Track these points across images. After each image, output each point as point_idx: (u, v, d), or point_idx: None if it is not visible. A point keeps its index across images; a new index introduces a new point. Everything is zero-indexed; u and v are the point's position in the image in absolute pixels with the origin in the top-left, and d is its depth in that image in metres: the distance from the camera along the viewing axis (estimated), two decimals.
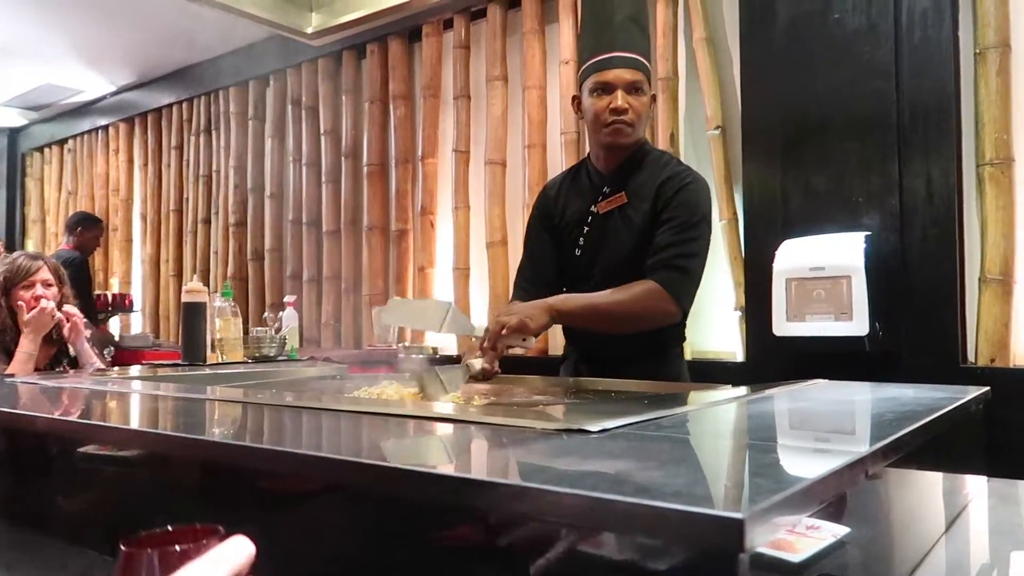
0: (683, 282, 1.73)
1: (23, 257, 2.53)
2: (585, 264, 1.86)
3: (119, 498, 1.11)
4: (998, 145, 2.32)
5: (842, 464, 0.67)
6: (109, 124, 5.81)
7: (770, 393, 1.25)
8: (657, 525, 0.53)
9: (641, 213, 1.79)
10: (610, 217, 1.83)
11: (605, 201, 1.84)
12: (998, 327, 2.29)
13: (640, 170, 1.84)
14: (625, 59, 1.76)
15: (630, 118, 1.77)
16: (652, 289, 1.70)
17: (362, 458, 0.72)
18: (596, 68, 1.78)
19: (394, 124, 4.06)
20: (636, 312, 1.71)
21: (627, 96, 1.76)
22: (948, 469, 1.22)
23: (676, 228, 1.74)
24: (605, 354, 1.90)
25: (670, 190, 1.78)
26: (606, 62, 1.77)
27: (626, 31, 1.78)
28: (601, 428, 0.86)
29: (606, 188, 1.86)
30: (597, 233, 1.85)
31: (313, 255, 4.42)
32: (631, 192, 1.82)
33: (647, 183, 1.81)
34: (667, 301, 1.70)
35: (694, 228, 1.75)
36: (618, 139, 1.80)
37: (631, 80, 1.76)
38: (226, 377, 1.97)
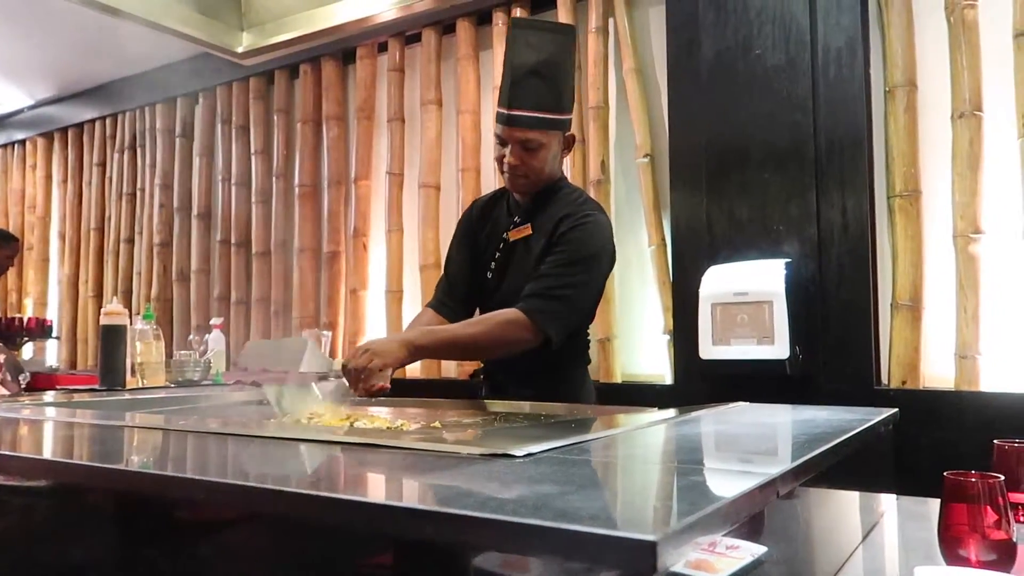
0: (547, 310, 1.75)
1: None
2: (494, 287, 1.93)
3: (33, 532, 1.06)
4: (907, 178, 2.45)
5: (754, 485, 0.69)
6: (26, 139, 5.58)
7: (692, 416, 1.28)
8: (575, 549, 0.54)
9: (540, 246, 1.85)
10: (516, 246, 1.91)
11: (515, 230, 1.92)
12: (909, 351, 2.40)
13: (550, 205, 1.90)
14: (520, 118, 1.79)
15: (521, 172, 1.83)
16: (511, 319, 1.73)
17: (282, 486, 0.71)
18: (499, 119, 1.84)
19: (327, 145, 4.03)
20: (493, 342, 1.74)
21: (521, 152, 1.80)
22: (861, 488, 1.27)
23: (557, 261, 1.79)
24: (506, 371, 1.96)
25: (565, 227, 1.83)
26: (503, 118, 1.82)
27: (526, 87, 1.77)
28: (526, 452, 0.87)
29: (517, 218, 1.94)
30: (505, 259, 1.93)
31: (242, 276, 4.33)
32: (537, 225, 1.89)
33: (551, 217, 1.87)
34: (525, 329, 1.73)
35: (577, 264, 1.79)
36: (513, 188, 1.89)
37: (522, 139, 1.80)
38: (144, 403, 1.91)
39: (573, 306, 1.80)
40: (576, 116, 3.14)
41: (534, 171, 1.84)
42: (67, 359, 5.15)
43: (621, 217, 3.08)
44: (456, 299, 1.99)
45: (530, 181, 1.86)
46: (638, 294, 3.04)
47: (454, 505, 0.61)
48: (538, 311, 1.73)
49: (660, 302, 2.89)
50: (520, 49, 1.77)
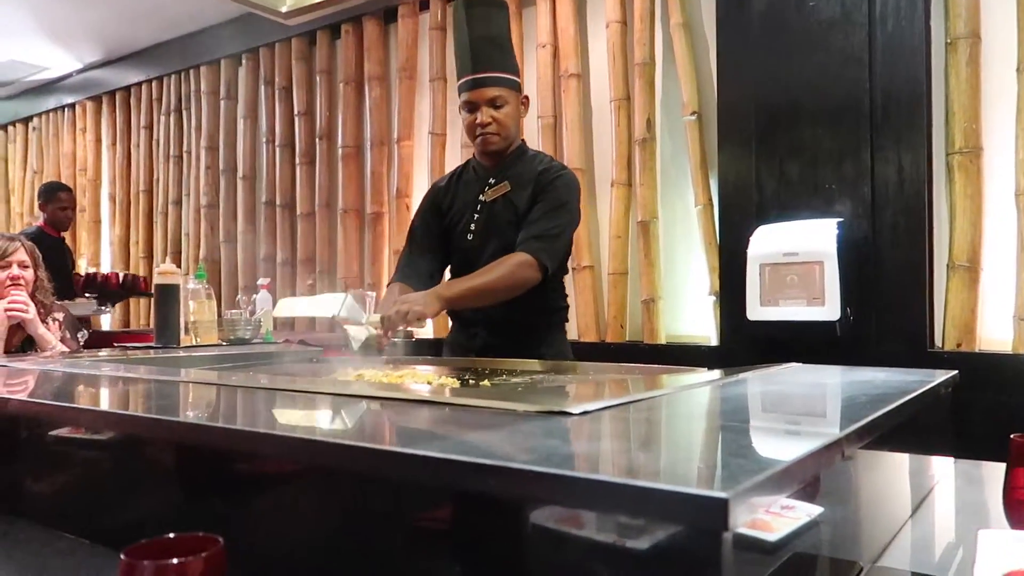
0: (549, 250, 1.95)
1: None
2: (477, 247, 2.06)
3: (94, 481, 1.10)
4: (967, 134, 2.36)
5: (819, 446, 0.69)
6: (75, 102, 5.68)
7: (744, 376, 1.27)
8: (643, 505, 0.54)
9: (523, 198, 2.02)
10: (496, 204, 2.06)
11: (491, 190, 2.07)
12: (965, 312, 2.34)
13: (520, 163, 2.08)
14: (484, 79, 1.99)
15: (493, 129, 2.01)
16: (521, 260, 1.92)
17: (348, 440, 0.72)
18: (465, 87, 2.02)
19: (369, 106, 4.02)
20: (508, 284, 1.92)
21: (490, 111, 2.00)
22: (917, 450, 1.25)
23: (545, 208, 1.99)
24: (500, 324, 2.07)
25: (546, 179, 2.02)
26: (469, 83, 2.00)
27: (483, 52, 1.99)
28: (583, 410, 0.87)
29: (491, 179, 2.08)
30: (487, 219, 2.06)
31: (287, 237, 4.38)
32: (513, 181, 2.05)
33: (526, 173, 2.05)
34: (532, 268, 1.92)
35: (560, 208, 1.99)
36: (487, 148, 2.04)
37: (490, 97, 1.99)
38: (201, 360, 1.95)
39: (562, 242, 2.01)
40: (621, 73, 3.09)
41: (503, 127, 2.01)
42: (120, 319, 5.30)
43: (667, 177, 3.03)
44: (420, 272, 2.14)
45: (501, 137, 2.02)
46: (683, 255, 3.00)
47: (517, 460, 0.62)
48: (541, 250, 1.93)
49: (706, 263, 2.86)
50: (475, 23, 2.00)
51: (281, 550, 0.84)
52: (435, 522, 0.74)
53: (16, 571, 0.92)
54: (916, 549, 0.98)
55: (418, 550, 0.73)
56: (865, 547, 0.93)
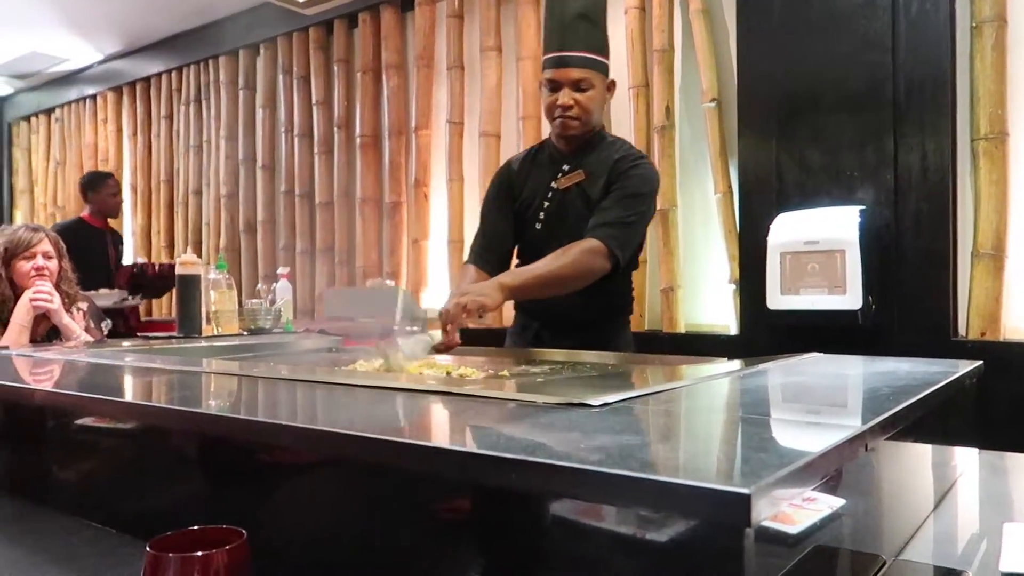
0: (621, 238, 1.84)
1: (23, 229, 2.55)
2: (545, 237, 1.95)
3: (120, 470, 1.12)
4: (992, 119, 2.32)
5: (843, 439, 0.68)
6: (97, 93, 5.73)
7: (766, 367, 1.26)
8: (665, 500, 0.54)
9: (598, 188, 1.92)
10: (569, 192, 1.95)
11: (565, 177, 1.96)
12: (989, 301, 2.31)
13: (597, 151, 1.96)
14: (571, 58, 1.87)
15: (575, 113, 1.89)
16: (590, 247, 1.81)
17: (367, 432, 0.73)
18: (549, 64, 1.90)
19: (387, 95, 4.02)
20: (578, 270, 1.81)
21: (573, 93, 1.88)
22: (941, 441, 1.24)
23: (619, 195, 1.88)
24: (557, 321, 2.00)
25: (624, 166, 1.91)
26: (555, 60, 1.89)
27: (575, 29, 1.87)
28: (603, 403, 0.87)
29: (566, 166, 1.97)
30: (558, 208, 1.96)
31: (306, 227, 4.40)
32: (589, 170, 1.94)
33: (604, 161, 1.93)
34: (602, 255, 1.81)
35: (636, 197, 1.89)
36: (564, 132, 1.93)
37: (577, 79, 1.87)
38: (222, 350, 1.97)
39: (636, 233, 1.91)
40: (639, 60, 3.07)
41: (586, 111, 1.90)
42: (144, 308, 5.35)
43: (686, 164, 3.01)
44: (494, 256, 2.04)
45: (582, 123, 1.91)
46: (702, 243, 2.98)
47: (538, 454, 0.62)
48: (612, 237, 1.82)
49: (726, 251, 2.84)
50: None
51: (304, 542, 0.85)
52: (455, 514, 0.74)
53: (45, 560, 0.94)
54: (939, 542, 0.97)
55: (438, 542, 0.73)
56: (887, 540, 0.92)
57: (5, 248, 2.48)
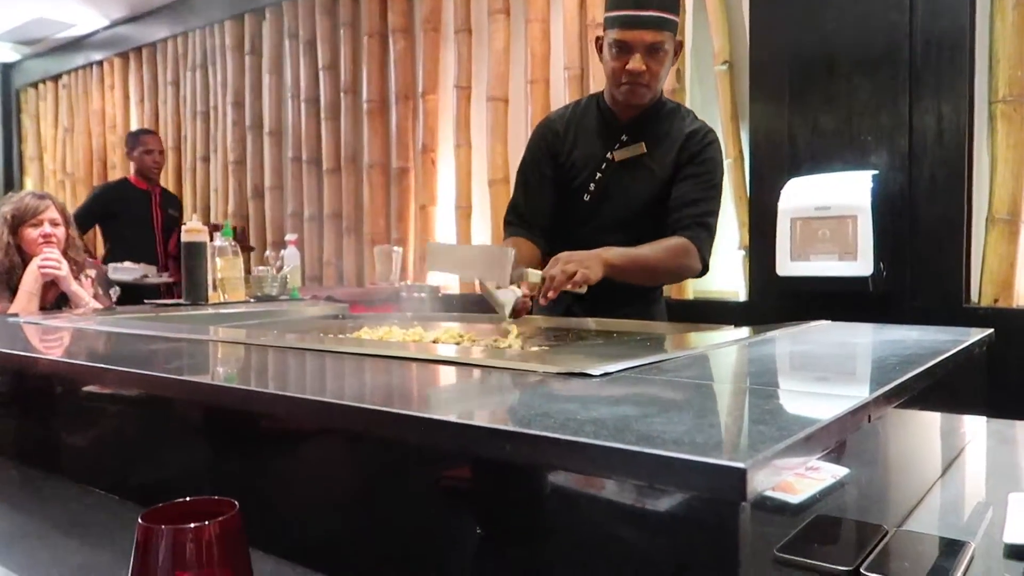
0: (709, 241, 1.78)
1: (30, 196, 2.55)
2: (594, 209, 1.82)
3: (124, 438, 1.12)
4: (1012, 82, 2.26)
5: (845, 411, 0.67)
6: (103, 59, 5.70)
7: (772, 335, 1.25)
8: (660, 474, 0.53)
9: (663, 165, 1.78)
10: (627, 166, 1.79)
11: (623, 149, 1.79)
12: (1003, 267, 2.28)
13: (659, 121, 1.80)
14: (649, 19, 1.65)
15: (646, 80, 1.71)
16: (686, 246, 1.74)
17: (361, 403, 0.72)
18: (619, 23, 1.68)
19: (394, 59, 3.97)
20: (672, 268, 1.77)
21: (646, 58, 1.68)
22: (948, 410, 1.22)
23: (703, 185, 1.76)
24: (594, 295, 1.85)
25: (695, 144, 1.78)
26: (629, 20, 1.66)
27: None
28: (603, 372, 0.86)
29: (624, 136, 1.80)
30: (612, 180, 1.80)
31: (314, 193, 4.39)
32: (651, 143, 1.78)
33: (669, 135, 1.79)
34: (696, 259, 1.76)
35: (716, 187, 1.79)
36: (631, 100, 1.75)
37: (651, 42, 1.67)
38: (227, 317, 1.97)
39: (714, 232, 1.83)
40: None
41: (657, 78, 1.72)
42: None
43: None
44: (538, 223, 1.89)
45: (651, 90, 1.74)
46: None
47: (534, 425, 0.61)
48: (700, 239, 1.75)
49: (736, 217, 2.80)
50: None
51: (301, 512, 0.85)
52: (450, 485, 0.73)
53: (49, 526, 0.95)
54: (944, 512, 0.96)
55: (432, 512, 0.73)
56: (892, 509, 0.91)
57: (12, 215, 2.49)
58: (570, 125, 1.89)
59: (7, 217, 2.47)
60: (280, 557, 0.80)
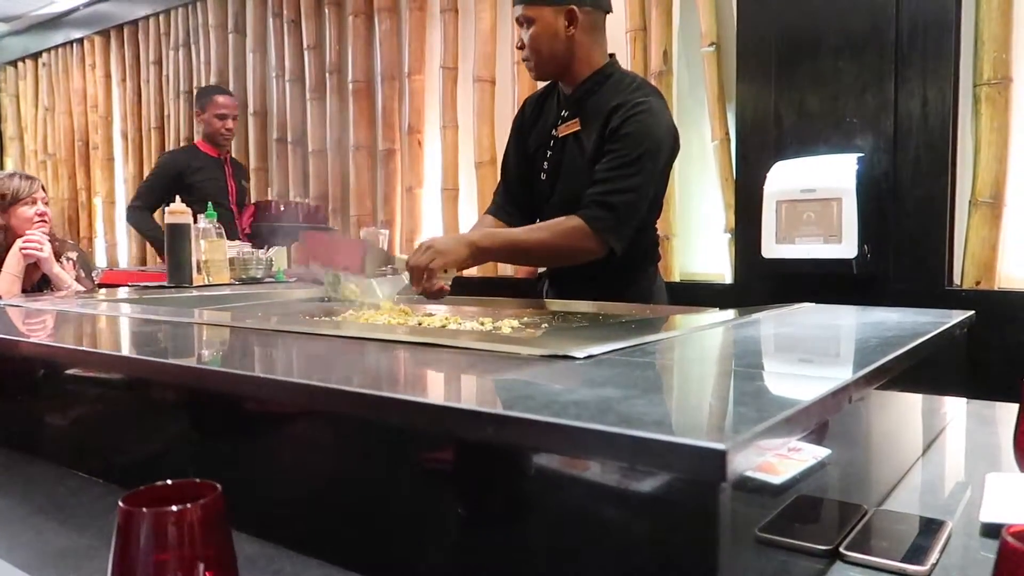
0: (609, 220, 1.69)
1: (19, 177, 2.55)
2: (548, 190, 1.84)
3: (108, 421, 1.12)
4: (996, 64, 2.27)
5: (825, 392, 0.67)
6: (84, 37, 5.60)
7: (756, 318, 1.25)
8: (640, 455, 0.53)
9: (592, 140, 1.75)
10: (566, 142, 1.81)
11: (563, 125, 1.82)
12: (985, 249, 2.29)
13: (597, 94, 1.79)
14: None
15: (526, 54, 1.79)
16: (576, 227, 1.68)
17: (343, 385, 0.72)
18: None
19: (379, 39, 3.93)
20: (557, 250, 1.71)
21: (521, 32, 1.78)
22: (929, 391, 1.24)
23: (613, 163, 1.70)
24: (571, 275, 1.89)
25: (618, 119, 1.72)
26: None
27: None
28: (587, 354, 0.86)
29: (564, 112, 1.83)
30: (557, 158, 1.83)
31: (299, 175, 4.35)
32: (584, 117, 1.78)
33: (600, 108, 1.76)
34: (589, 239, 1.68)
35: (633, 164, 1.69)
36: (532, 76, 1.84)
37: (520, 16, 1.77)
38: (211, 299, 1.96)
39: (632, 211, 1.72)
40: (637, 3, 2.99)
41: (535, 52, 1.77)
42: (137, 255, 5.34)
43: (683, 110, 2.96)
44: (514, 204, 1.92)
45: (534, 63, 1.79)
46: (698, 191, 2.95)
47: (516, 407, 0.61)
48: (599, 220, 1.68)
49: (722, 199, 2.81)
50: None
51: (284, 495, 0.85)
52: (432, 467, 0.74)
53: (31, 510, 0.94)
54: (923, 491, 0.97)
55: (415, 495, 0.73)
56: (873, 489, 0.92)
57: (2, 195, 2.47)
58: (536, 105, 1.94)
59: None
60: (263, 540, 0.80)
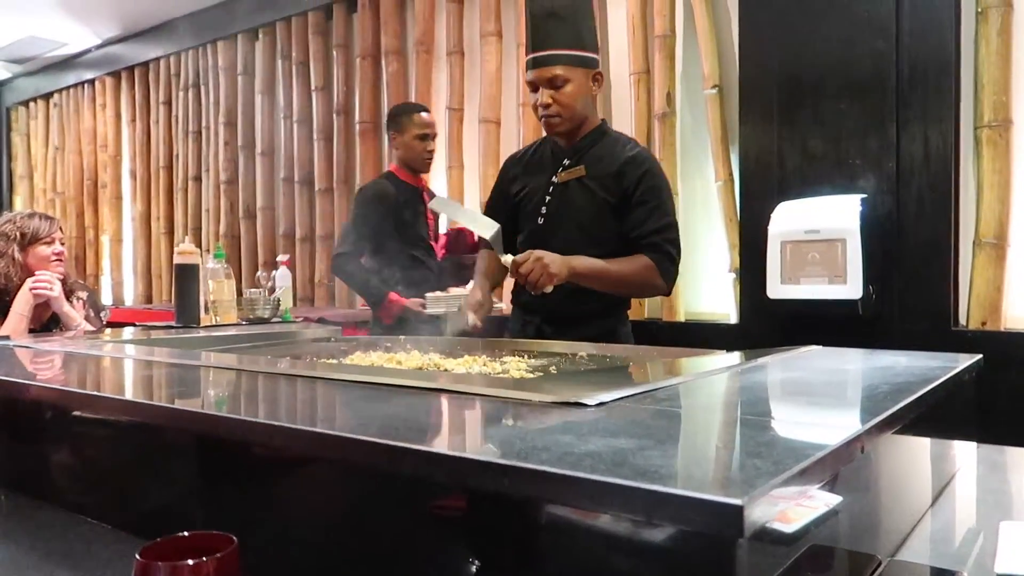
0: (672, 266, 1.92)
1: (38, 217, 2.58)
2: (547, 229, 1.99)
3: (117, 466, 1.11)
4: (997, 107, 2.30)
5: (839, 443, 0.67)
6: (95, 78, 5.70)
7: (764, 362, 1.25)
8: (656, 510, 0.54)
9: (601, 185, 1.93)
10: (569, 187, 1.98)
11: (565, 172, 1.99)
12: (990, 290, 2.30)
13: (598, 146, 1.99)
14: (543, 58, 1.91)
15: (554, 111, 1.93)
16: (650, 266, 1.89)
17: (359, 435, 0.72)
18: (528, 67, 1.95)
19: (386, 80, 4.00)
20: (637, 283, 1.91)
21: (548, 92, 1.91)
22: (939, 435, 1.23)
23: (658, 212, 1.91)
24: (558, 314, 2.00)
25: (637, 169, 1.92)
26: (530, 62, 1.93)
27: (546, 29, 1.90)
28: (598, 401, 0.86)
29: (566, 160, 2.00)
30: (559, 201, 1.99)
31: (306, 213, 4.39)
32: (589, 165, 1.96)
33: (605, 158, 1.95)
34: (659, 277, 1.90)
35: (670, 213, 1.94)
36: (549, 131, 1.98)
37: (549, 77, 1.91)
38: (218, 340, 1.97)
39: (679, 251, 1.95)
40: (641, 45, 3.04)
41: (565, 107, 1.93)
42: (143, 293, 5.36)
43: (687, 152, 2.99)
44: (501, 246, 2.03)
45: (563, 119, 1.94)
46: (703, 231, 2.97)
47: (532, 459, 0.61)
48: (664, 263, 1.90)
49: (726, 240, 2.83)
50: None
51: (297, 544, 0.84)
52: (449, 515, 0.74)
53: (40, 557, 0.94)
54: (936, 540, 0.97)
55: (430, 544, 0.73)
56: (884, 537, 0.92)
57: (22, 234, 2.50)
58: (524, 158, 2.13)
59: (17, 236, 2.49)
60: None
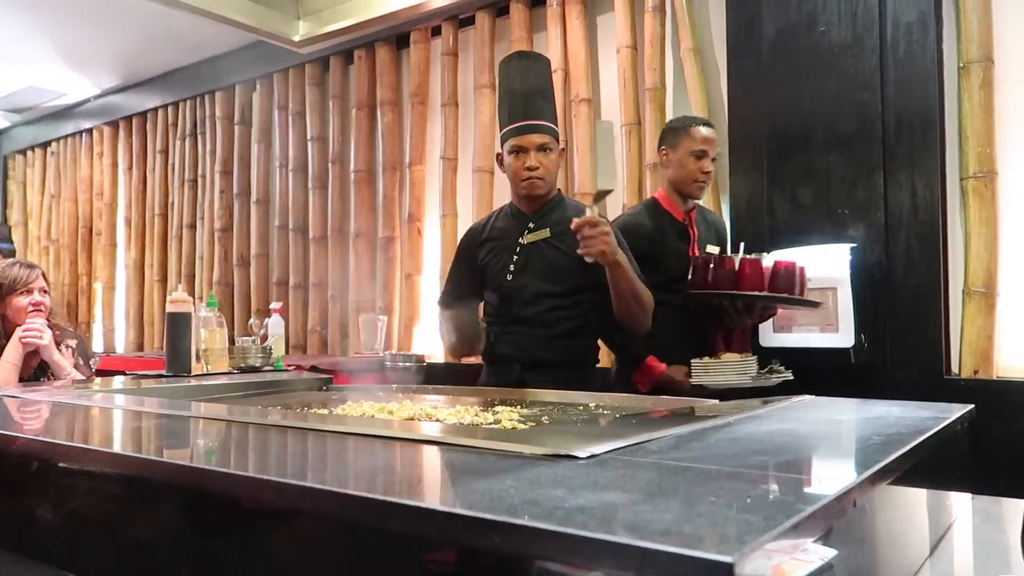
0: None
1: (19, 265, 2.54)
2: (516, 286, 2.16)
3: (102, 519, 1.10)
4: (981, 158, 2.34)
5: (832, 496, 0.67)
6: (93, 127, 5.76)
7: (757, 413, 1.25)
8: (647, 566, 0.53)
9: (567, 244, 2.05)
10: (537, 247, 2.16)
11: (531, 234, 2.17)
12: (981, 339, 2.31)
13: (557, 210, 2.17)
14: (535, 126, 2.10)
15: (541, 173, 2.11)
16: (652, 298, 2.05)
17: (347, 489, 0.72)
18: (515, 133, 2.11)
19: (382, 131, 4.05)
20: (646, 302, 2.02)
21: (538, 155, 2.10)
22: (933, 486, 1.22)
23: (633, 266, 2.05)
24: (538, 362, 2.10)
25: None
26: (521, 129, 2.10)
27: (534, 103, 2.11)
28: (589, 454, 0.86)
29: (531, 224, 2.18)
30: (524, 259, 2.17)
31: (300, 261, 4.40)
32: (552, 227, 2.14)
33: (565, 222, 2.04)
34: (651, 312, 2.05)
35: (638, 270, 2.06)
36: (533, 191, 2.13)
37: (540, 143, 2.10)
38: (209, 389, 1.95)
39: None
40: (632, 98, 3.10)
41: (549, 172, 2.13)
42: (134, 341, 5.33)
43: None
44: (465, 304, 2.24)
45: (546, 182, 2.13)
46: None
47: (522, 515, 0.61)
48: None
49: None
50: (526, 75, 2.14)
51: None
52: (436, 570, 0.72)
53: None
54: None
55: None
56: None
57: (1, 284, 2.48)
58: (487, 225, 2.30)
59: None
60: None
